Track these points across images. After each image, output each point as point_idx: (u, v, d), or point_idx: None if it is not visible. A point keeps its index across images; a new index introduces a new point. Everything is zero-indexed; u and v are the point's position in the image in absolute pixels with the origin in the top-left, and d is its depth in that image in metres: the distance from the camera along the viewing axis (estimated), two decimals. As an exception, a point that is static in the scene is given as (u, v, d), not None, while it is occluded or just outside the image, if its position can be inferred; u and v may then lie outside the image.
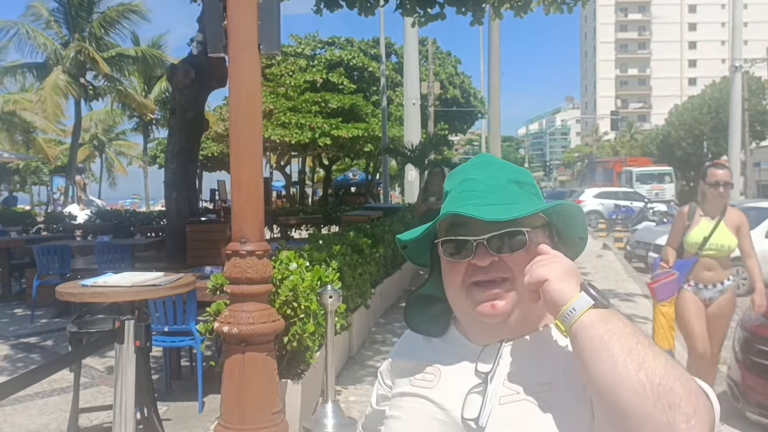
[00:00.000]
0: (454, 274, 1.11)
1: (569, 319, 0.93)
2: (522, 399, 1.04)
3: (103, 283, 3.54)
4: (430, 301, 1.23)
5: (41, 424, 4.68)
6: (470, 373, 1.10)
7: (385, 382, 1.27)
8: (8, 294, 9.86)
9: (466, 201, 1.10)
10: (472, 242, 1.08)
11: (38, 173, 44.12)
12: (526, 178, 1.17)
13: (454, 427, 1.06)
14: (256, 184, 3.67)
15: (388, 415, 1.18)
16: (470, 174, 1.16)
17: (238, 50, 3.60)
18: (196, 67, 8.62)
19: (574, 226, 1.17)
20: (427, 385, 1.13)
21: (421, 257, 1.24)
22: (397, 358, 1.25)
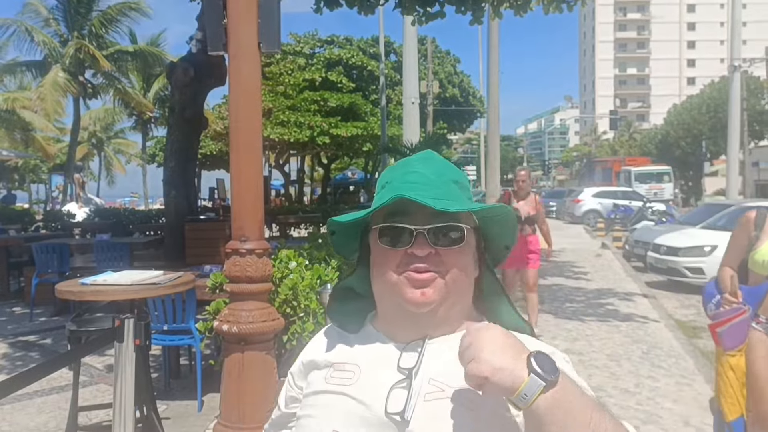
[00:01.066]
0: (387, 262, 1.10)
1: (522, 403, 0.89)
2: (447, 396, 1.04)
3: (103, 281, 3.53)
4: (351, 296, 1.24)
5: (40, 422, 4.68)
6: (392, 369, 1.10)
7: (296, 383, 1.24)
8: (7, 292, 9.85)
9: (409, 191, 1.08)
10: (412, 231, 1.08)
11: (37, 171, 44.05)
12: (465, 182, 1.19)
13: (377, 422, 1.05)
14: (256, 182, 3.67)
15: (301, 415, 1.17)
16: (415, 167, 1.16)
17: (238, 49, 3.60)
18: (195, 66, 8.62)
19: (504, 234, 1.19)
20: (345, 383, 1.12)
21: (346, 246, 1.24)
22: (312, 357, 1.23)
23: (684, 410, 4.95)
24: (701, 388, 5.46)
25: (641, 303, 9.40)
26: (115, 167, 50.61)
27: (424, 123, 28.43)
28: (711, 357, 6.59)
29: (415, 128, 18.97)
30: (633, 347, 6.80)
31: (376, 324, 1.20)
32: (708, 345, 7.18)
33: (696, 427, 4.62)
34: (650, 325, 7.87)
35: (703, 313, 9.02)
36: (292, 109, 24.56)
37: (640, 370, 5.95)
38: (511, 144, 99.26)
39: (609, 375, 5.70)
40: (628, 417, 4.12)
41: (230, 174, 3.70)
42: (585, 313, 8.51)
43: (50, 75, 23.35)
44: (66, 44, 24.20)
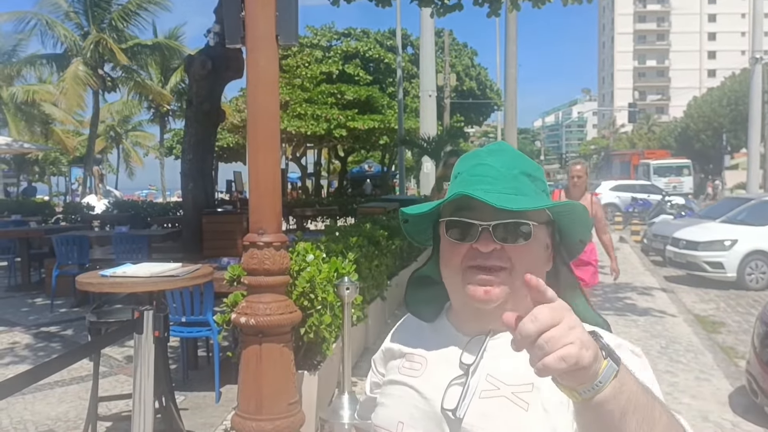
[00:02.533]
0: (453, 256, 1.10)
1: (590, 393, 0.79)
2: (502, 395, 1.03)
3: (122, 273, 3.57)
4: (428, 283, 1.23)
5: (61, 412, 4.74)
6: (455, 364, 1.10)
7: (378, 370, 1.28)
8: (28, 283, 9.97)
9: (477, 185, 1.08)
10: (477, 227, 1.07)
11: (57, 164, 44.52)
12: (538, 174, 1.16)
13: (433, 416, 1.06)
14: (273, 175, 3.67)
15: (378, 402, 1.19)
16: (485, 159, 1.14)
17: (256, 41, 3.59)
18: (212, 58, 8.64)
19: (577, 228, 1.16)
20: (413, 374, 1.14)
21: (420, 235, 1.23)
22: (389, 346, 1.25)
23: (703, 405, 4.91)
24: (720, 384, 5.42)
25: (660, 297, 9.33)
26: (133, 160, 50.98)
27: (441, 116, 28.34)
28: (730, 352, 6.55)
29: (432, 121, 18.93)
30: (651, 342, 6.76)
31: (450, 315, 1.20)
32: (727, 340, 7.12)
33: (715, 422, 4.59)
34: (669, 320, 7.82)
35: (722, 308, 8.99)
36: (309, 102, 24.58)
37: (658, 365, 5.91)
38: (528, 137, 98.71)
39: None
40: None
41: (248, 166, 3.71)
42: (603, 307, 8.46)
43: (71, 68, 23.54)
44: (86, 37, 24.37)
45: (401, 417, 1.10)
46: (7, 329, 7.26)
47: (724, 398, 5.08)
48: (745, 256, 10.44)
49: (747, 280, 10.39)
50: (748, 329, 7.61)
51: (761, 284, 10.41)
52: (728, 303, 9.32)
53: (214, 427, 4.44)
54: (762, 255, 10.46)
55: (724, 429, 4.49)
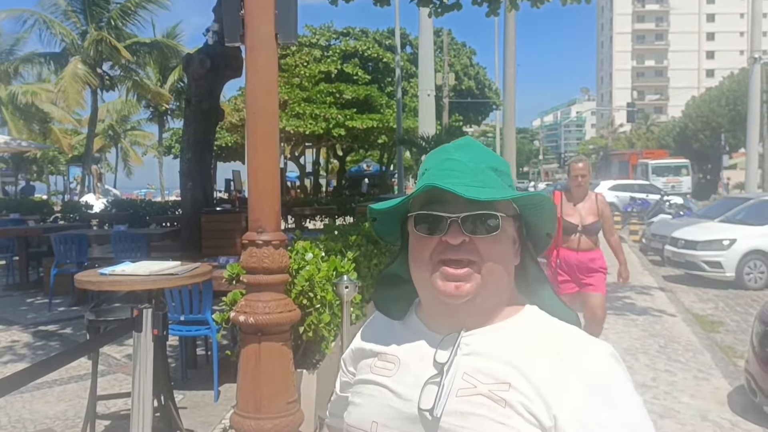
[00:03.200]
0: (423, 251, 1.10)
1: None
2: (479, 394, 1.03)
3: (121, 271, 3.56)
4: (396, 282, 1.23)
5: (59, 410, 4.73)
6: (429, 362, 1.09)
7: (348, 369, 1.26)
8: (26, 282, 9.96)
9: (445, 178, 1.08)
10: (446, 219, 1.07)
11: (55, 163, 44.48)
12: (505, 168, 1.17)
13: (410, 416, 1.06)
14: (272, 174, 3.67)
15: (351, 402, 1.18)
16: (452, 154, 1.14)
17: (255, 40, 3.59)
18: (211, 57, 8.63)
19: (544, 222, 1.17)
20: (386, 374, 1.13)
21: (389, 233, 1.24)
22: (360, 345, 1.24)
23: (701, 405, 4.92)
24: (719, 383, 5.42)
25: (658, 297, 9.34)
26: (131, 159, 50.95)
27: (439, 115, 28.35)
28: (729, 352, 6.55)
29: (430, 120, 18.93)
30: (650, 341, 6.76)
31: (419, 313, 1.20)
32: (726, 339, 7.13)
33: (713, 421, 4.59)
34: (667, 319, 7.82)
35: (721, 308, 9.00)
36: (308, 101, 24.55)
37: (656, 364, 5.92)
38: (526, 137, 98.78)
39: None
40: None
41: (247, 165, 3.70)
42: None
43: (69, 67, 23.51)
44: (84, 36, 24.35)
45: (375, 416, 1.10)
46: (5, 328, 7.26)
47: (723, 397, 5.09)
48: (744, 256, 10.45)
49: (745, 280, 10.40)
50: (747, 329, 7.61)
51: (760, 284, 10.42)
52: (727, 302, 9.32)
53: (212, 425, 4.44)
54: (760, 254, 10.47)
55: (723, 428, 4.50)
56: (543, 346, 1.05)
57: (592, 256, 5.27)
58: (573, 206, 5.21)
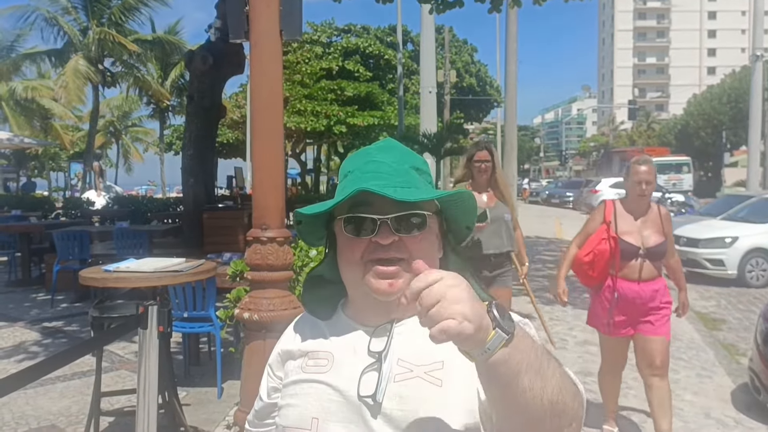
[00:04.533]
0: (353, 252, 1.13)
1: (481, 357, 0.88)
2: (416, 376, 1.08)
3: (126, 268, 3.56)
4: (322, 283, 1.27)
5: (63, 407, 4.73)
6: (363, 353, 1.14)
7: (275, 374, 1.27)
8: (28, 279, 9.96)
9: (371, 180, 1.12)
10: (376, 221, 1.11)
11: (56, 159, 44.49)
12: (425, 167, 1.22)
13: (351, 406, 1.09)
14: (277, 171, 3.67)
15: (282, 405, 1.20)
16: (375, 156, 1.19)
17: (259, 36, 3.59)
18: (213, 54, 8.62)
19: (464, 216, 1.22)
20: (321, 370, 1.16)
21: (312, 235, 1.27)
22: (287, 348, 1.26)
23: (705, 402, 4.91)
24: (722, 381, 5.42)
25: (660, 294, 9.33)
26: (132, 155, 50.95)
27: (441, 112, 28.30)
28: (731, 350, 6.56)
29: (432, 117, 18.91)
30: (652, 339, 6.75)
31: (347, 310, 1.24)
32: (728, 337, 7.13)
33: (717, 419, 4.59)
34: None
35: (723, 305, 8.98)
36: (309, 98, 24.54)
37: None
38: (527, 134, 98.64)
39: (628, 366, 5.66)
40: (648, 408, 4.10)
41: (252, 162, 3.70)
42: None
43: (71, 63, 23.50)
44: (86, 33, 24.33)
45: (314, 413, 1.12)
46: (8, 324, 7.26)
47: (727, 395, 5.09)
48: (746, 254, 10.44)
49: (747, 278, 10.39)
50: (749, 326, 7.61)
51: (762, 281, 10.42)
52: (729, 300, 9.32)
53: (216, 422, 4.44)
54: (763, 252, 10.47)
55: (727, 426, 4.50)
56: None
57: (656, 286, 3.93)
58: (632, 222, 3.92)
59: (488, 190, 4.88)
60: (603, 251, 3.89)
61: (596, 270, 3.95)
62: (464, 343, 0.87)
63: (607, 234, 3.91)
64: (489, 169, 4.80)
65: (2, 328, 7.08)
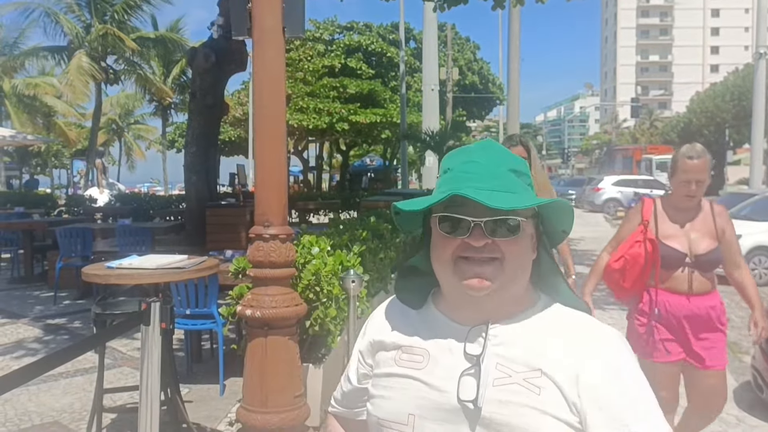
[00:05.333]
0: (446, 249, 1.15)
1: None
2: (514, 382, 1.09)
3: (128, 265, 3.56)
4: (416, 273, 1.28)
5: (66, 403, 4.74)
6: (459, 354, 1.14)
7: (366, 361, 1.29)
8: (31, 275, 9.98)
9: (467, 182, 1.13)
10: (469, 222, 1.12)
11: (59, 156, 44.53)
12: (524, 169, 1.21)
13: (449, 407, 1.10)
14: (279, 168, 3.67)
15: (375, 395, 1.21)
16: (474, 157, 1.19)
17: (262, 33, 3.58)
18: (216, 51, 8.63)
19: (562, 220, 1.22)
20: (416, 366, 1.17)
21: (411, 226, 1.29)
22: (378, 338, 1.27)
23: (707, 400, 4.89)
24: (724, 379, 5.40)
25: (663, 292, 9.30)
26: (135, 153, 50.99)
27: (443, 110, 28.31)
28: (734, 348, 6.54)
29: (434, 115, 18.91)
30: (655, 337, 6.73)
31: (439, 304, 1.24)
32: (730, 336, 7.09)
33: (720, 417, 4.54)
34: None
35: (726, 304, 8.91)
36: (312, 96, 24.54)
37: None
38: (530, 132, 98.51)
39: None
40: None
41: (254, 159, 3.70)
42: (606, 301, 8.44)
43: (74, 60, 23.53)
44: (89, 30, 24.35)
45: (411, 409, 1.13)
46: (12, 321, 7.27)
47: (729, 393, 5.06)
48: (749, 252, 10.41)
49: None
50: (752, 324, 7.58)
51: (765, 279, 10.40)
52: (731, 298, 9.26)
53: (218, 419, 4.44)
54: (765, 250, 10.44)
55: (729, 424, 4.49)
56: (562, 334, 1.13)
57: (711, 302, 3.27)
58: (678, 225, 3.22)
59: None
60: (636, 256, 3.19)
61: (629, 279, 3.25)
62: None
63: (643, 236, 3.20)
64: None
65: (5, 325, 7.09)
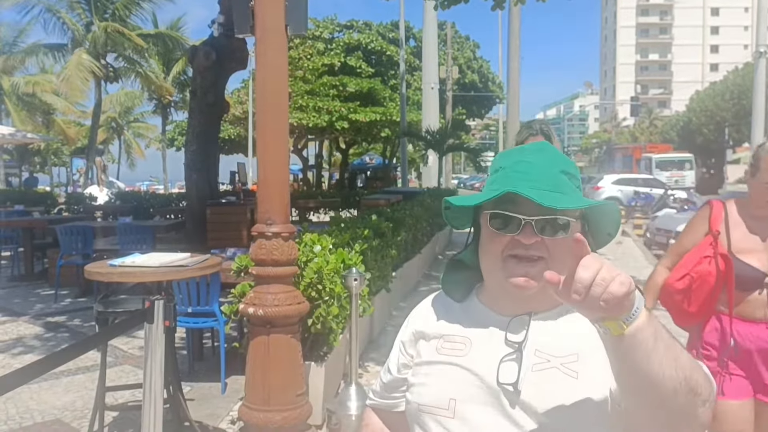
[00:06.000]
0: (495, 245, 1.18)
1: (631, 319, 0.93)
2: (552, 367, 1.13)
3: (131, 263, 3.56)
4: (461, 267, 1.33)
5: (67, 401, 4.74)
6: (500, 342, 1.18)
7: (407, 351, 1.33)
8: (31, 273, 9.97)
9: (520, 181, 1.16)
10: (520, 220, 1.15)
11: (59, 154, 44.49)
12: (575, 172, 1.24)
13: (489, 391, 1.15)
14: (282, 166, 3.67)
15: (415, 382, 1.26)
16: (527, 157, 1.22)
17: (264, 31, 3.58)
18: (216, 49, 8.61)
19: (607, 223, 1.25)
20: (458, 354, 1.21)
21: (459, 221, 1.32)
22: (420, 328, 1.32)
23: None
24: (726, 377, 5.41)
25: (663, 291, 9.32)
26: (134, 151, 50.96)
27: (443, 108, 28.31)
28: (735, 346, 6.53)
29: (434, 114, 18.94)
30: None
31: (482, 296, 1.29)
32: (731, 334, 7.11)
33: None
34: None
35: (726, 302, 8.93)
36: (311, 94, 24.54)
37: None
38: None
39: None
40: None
41: (257, 157, 3.70)
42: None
43: (74, 58, 23.50)
44: (89, 28, 24.32)
45: (452, 394, 1.17)
46: (13, 319, 7.26)
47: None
48: (749, 251, 10.40)
49: (750, 275, 10.35)
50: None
51: (764, 279, 10.39)
52: None
53: (220, 417, 4.44)
54: None
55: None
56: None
57: None
58: (757, 237, 2.59)
59: None
60: (705, 275, 2.58)
61: (695, 302, 2.67)
62: (625, 302, 0.90)
63: (714, 250, 2.59)
64: None
65: (6, 323, 7.09)
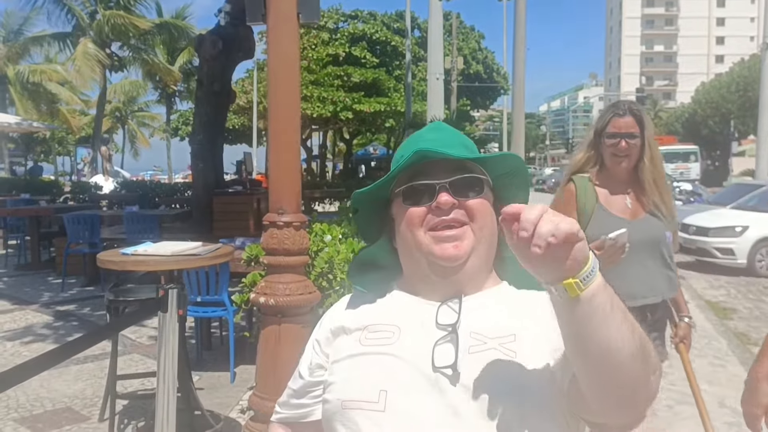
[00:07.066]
0: (414, 222, 1.15)
1: (588, 280, 0.87)
2: (490, 348, 1.09)
3: (143, 251, 3.55)
4: (372, 267, 1.28)
5: (77, 390, 4.75)
6: (431, 326, 1.13)
7: (323, 350, 1.23)
8: (37, 262, 9.99)
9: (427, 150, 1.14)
10: (435, 186, 1.13)
11: (63, 143, 44.50)
12: (473, 147, 1.23)
13: (425, 377, 1.08)
14: (293, 155, 3.65)
15: (336, 380, 1.16)
16: (426, 136, 1.23)
17: (277, 19, 3.55)
18: (223, 38, 8.58)
19: (518, 192, 1.23)
20: (386, 342, 1.14)
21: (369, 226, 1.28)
22: (339, 324, 1.23)
23: (718, 391, 4.90)
24: (735, 370, 5.41)
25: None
26: (138, 140, 50.95)
27: (447, 99, 28.21)
28: (743, 338, 6.54)
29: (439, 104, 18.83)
30: (663, 327, 6.73)
31: (405, 288, 1.24)
32: (739, 326, 7.11)
33: (731, 407, 4.57)
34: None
35: (733, 295, 8.97)
36: (315, 84, 24.45)
37: (671, 351, 5.89)
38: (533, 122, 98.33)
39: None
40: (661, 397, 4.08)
41: (268, 147, 3.69)
42: None
43: (80, 47, 23.40)
44: (94, 17, 24.23)
45: (382, 385, 1.09)
46: (21, 307, 7.29)
47: (740, 384, 5.00)
48: (756, 243, 10.39)
49: (757, 267, 10.35)
50: (760, 316, 7.61)
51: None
52: (739, 289, 9.29)
53: (229, 406, 4.45)
54: None
55: (741, 415, 4.48)
56: (528, 307, 1.14)
57: None
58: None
59: (629, 190, 2.76)
60: None
61: None
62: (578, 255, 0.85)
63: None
64: (636, 151, 2.72)
65: (14, 311, 7.11)
